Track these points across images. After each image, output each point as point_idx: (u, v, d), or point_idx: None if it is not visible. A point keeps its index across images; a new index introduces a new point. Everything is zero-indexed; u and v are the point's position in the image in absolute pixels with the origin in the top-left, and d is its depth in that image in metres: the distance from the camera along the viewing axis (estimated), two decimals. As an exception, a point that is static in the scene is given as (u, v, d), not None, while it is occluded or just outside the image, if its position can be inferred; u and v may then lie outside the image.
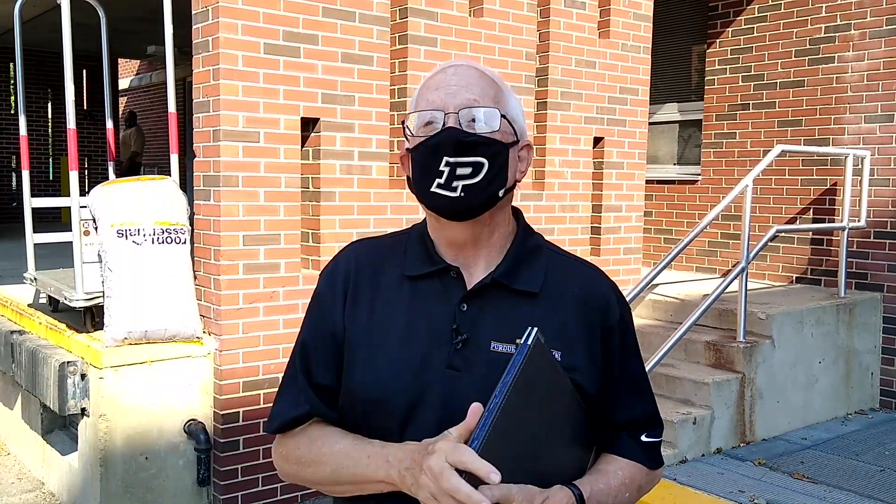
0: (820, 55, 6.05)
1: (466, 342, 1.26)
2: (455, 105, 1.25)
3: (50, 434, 4.50)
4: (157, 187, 3.97)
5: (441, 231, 1.32)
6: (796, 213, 6.21)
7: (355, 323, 1.32)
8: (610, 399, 1.34)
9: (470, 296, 1.29)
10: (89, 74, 11.38)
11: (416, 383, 1.25)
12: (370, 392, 1.27)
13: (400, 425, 1.25)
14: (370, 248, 1.41)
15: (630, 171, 5.43)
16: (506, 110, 1.28)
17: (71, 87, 3.90)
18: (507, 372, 1.14)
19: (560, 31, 4.96)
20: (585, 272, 1.39)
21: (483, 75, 1.29)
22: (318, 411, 1.33)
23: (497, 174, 1.26)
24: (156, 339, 3.76)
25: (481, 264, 1.32)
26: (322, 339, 1.35)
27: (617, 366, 1.34)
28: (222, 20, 3.72)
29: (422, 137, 1.26)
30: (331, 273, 1.39)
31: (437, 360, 1.26)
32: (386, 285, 1.33)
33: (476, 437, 1.10)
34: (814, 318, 5.33)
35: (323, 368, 1.33)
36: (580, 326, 1.31)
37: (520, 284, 1.30)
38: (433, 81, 1.29)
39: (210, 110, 3.83)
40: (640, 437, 1.37)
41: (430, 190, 1.26)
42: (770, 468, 4.49)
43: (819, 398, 5.40)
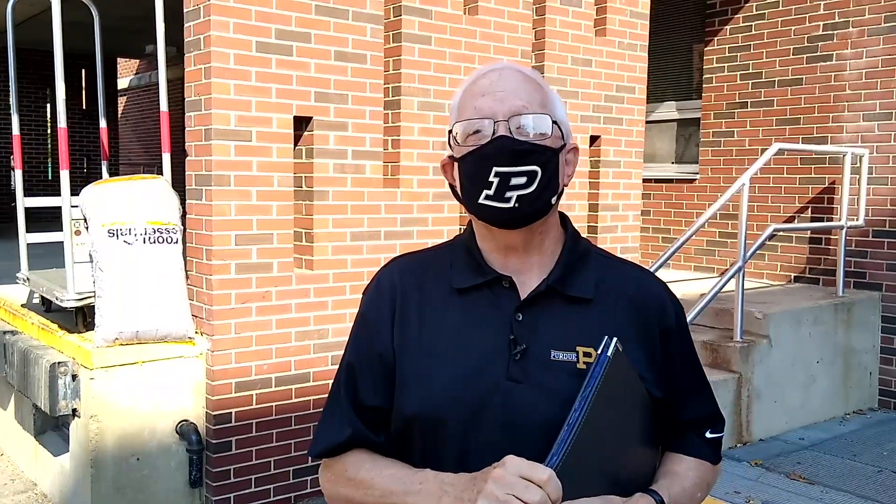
0: (818, 53, 6.02)
1: (525, 352, 1.23)
2: (504, 112, 1.21)
3: (42, 435, 4.48)
4: (149, 186, 3.95)
5: (492, 239, 1.29)
6: (794, 212, 6.18)
7: (406, 342, 1.28)
8: (674, 399, 1.33)
9: (525, 304, 1.26)
10: (88, 74, 11.37)
11: (475, 397, 1.22)
12: (426, 410, 1.23)
13: (460, 442, 1.22)
14: (414, 263, 1.37)
15: (627, 169, 5.40)
16: (554, 114, 1.25)
17: (62, 86, 3.88)
18: (587, 385, 1.12)
19: (556, 28, 4.93)
20: (637, 275, 1.37)
21: (528, 79, 1.26)
22: (361, 436, 1.29)
23: (550, 181, 1.23)
24: (147, 340, 3.74)
25: (533, 272, 1.29)
26: (369, 361, 1.31)
27: (679, 366, 1.34)
28: (214, 18, 3.70)
29: (470, 147, 1.22)
30: (374, 293, 1.35)
31: (495, 373, 1.22)
32: (434, 301, 1.30)
33: (555, 454, 1.07)
34: (812, 317, 5.29)
35: (371, 391, 1.30)
36: (638, 330, 1.29)
37: (574, 290, 1.28)
38: (477, 87, 1.25)
39: (202, 109, 3.81)
40: (705, 433, 1.37)
41: (479, 202, 1.22)
42: (767, 469, 4.46)
43: (817, 398, 5.37)
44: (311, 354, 4.07)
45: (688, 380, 1.36)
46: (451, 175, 1.30)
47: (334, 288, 4.12)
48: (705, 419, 1.38)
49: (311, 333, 4.06)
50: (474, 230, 1.33)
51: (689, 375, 1.36)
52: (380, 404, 1.29)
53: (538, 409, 1.19)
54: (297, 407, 4.05)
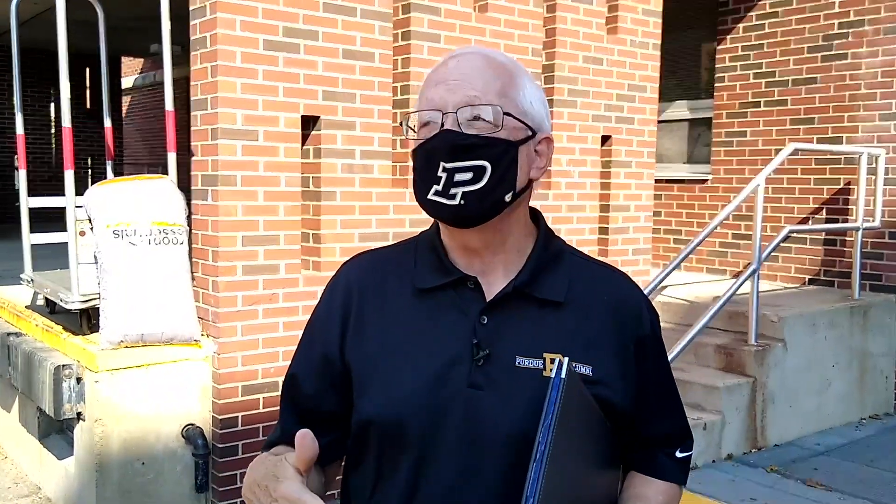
0: (833, 51, 5.93)
1: (489, 358, 1.15)
2: (454, 103, 1.14)
3: (47, 438, 4.42)
4: (154, 187, 3.89)
5: (450, 237, 1.23)
6: (809, 213, 6.09)
7: (365, 343, 1.21)
8: (644, 413, 1.25)
9: (490, 307, 1.18)
10: (92, 73, 11.35)
11: (435, 404, 1.15)
12: (385, 416, 1.17)
13: (418, 448, 1.16)
14: (374, 261, 1.30)
15: (639, 169, 5.33)
16: (517, 102, 1.16)
17: (66, 85, 3.82)
18: (546, 413, 1.04)
19: (567, 26, 4.86)
20: (613, 278, 1.29)
21: (491, 63, 1.17)
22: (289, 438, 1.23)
23: (503, 177, 1.14)
24: (153, 342, 3.68)
25: (499, 272, 1.21)
26: (310, 363, 1.26)
27: (651, 378, 1.26)
28: (220, 16, 3.64)
29: (420, 139, 1.16)
30: (329, 292, 1.29)
31: (457, 378, 1.15)
32: (395, 301, 1.23)
33: (529, 496, 1.00)
34: (827, 320, 5.21)
35: (310, 393, 1.25)
36: (611, 337, 1.21)
37: (543, 293, 1.20)
38: (435, 75, 1.18)
39: (208, 108, 3.75)
40: (675, 453, 1.30)
41: (428, 197, 1.15)
42: (783, 475, 4.38)
43: (832, 402, 5.28)
44: (318, 357, 4.00)
45: (660, 392, 1.28)
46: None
47: (342, 290, 4.05)
48: (676, 436, 1.30)
49: (318, 336, 3.99)
50: (439, 227, 1.25)
51: (661, 388, 1.29)
52: (325, 408, 1.24)
53: (500, 418, 1.13)
54: (304, 411, 3.98)
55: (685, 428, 1.32)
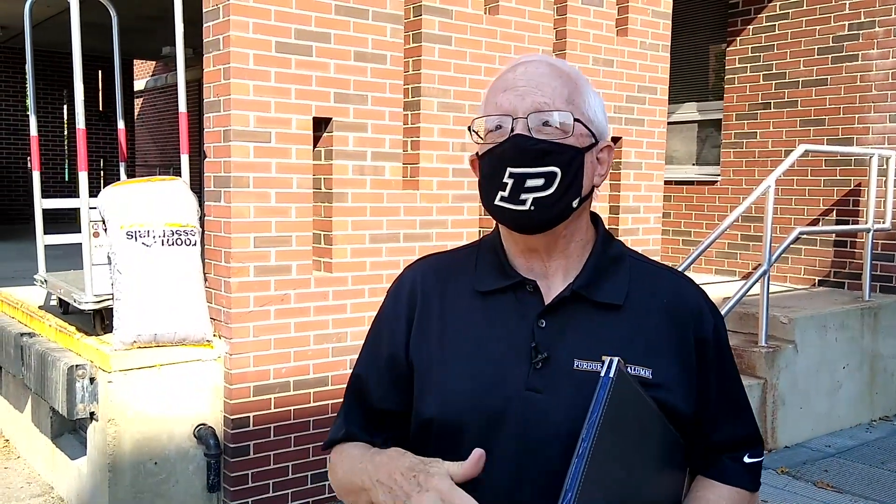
0: (843, 53, 5.92)
1: (547, 361, 1.16)
2: (524, 109, 1.15)
3: (59, 438, 4.45)
4: (167, 188, 3.91)
5: (513, 241, 1.24)
6: (819, 215, 6.08)
7: (426, 345, 1.24)
8: (708, 417, 1.24)
9: (548, 311, 1.19)
10: (105, 76, 11.40)
11: (493, 407, 1.16)
12: (442, 417, 1.19)
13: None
14: (439, 264, 1.33)
15: (648, 171, 5.33)
16: (582, 110, 1.18)
17: (80, 87, 3.85)
18: (592, 411, 1.04)
19: (577, 28, 4.87)
20: (672, 280, 1.28)
21: (556, 72, 1.19)
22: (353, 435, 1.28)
23: (571, 184, 1.16)
24: (165, 343, 3.71)
25: (559, 276, 1.22)
26: (378, 362, 1.29)
27: (714, 381, 1.24)
28: (233, 18, 3.66)
29: (489, 144, 1.17)
30: (395, 293, 1.32)
31: (515, 381, 1.16)
32: (457, 303, 1.25)
33: (568, 489, 1.00)
34: (837, 322, 5.20)
35: (377, 392, 1.28)
36: (671, 339, 1.21)
37: (602, 296, 1.20)
38: (502, 82, 1.20)
39: (221, 110, 3.77)
40: (743, 457, 1.28)
41: (495, 203, 1.17)
42: (793, 477, 4.37)
43: (843, 404, 5.27)
44: (329, 358, 4.02)
45: (724, 396, 1.27)
46: (478, 171, 1.25)
47: (353, 291, 4.07)
48: (741, 441, 1.29)
49: (329, 337, 4.01)
50: (500, 231, 1.28)
51: (725, 392, 1.27)
52: (386, 406, 1.27)
53: (557, 421, 1.14)
54: (315, 411, 4.00)
55: (753, 433, 1.31)
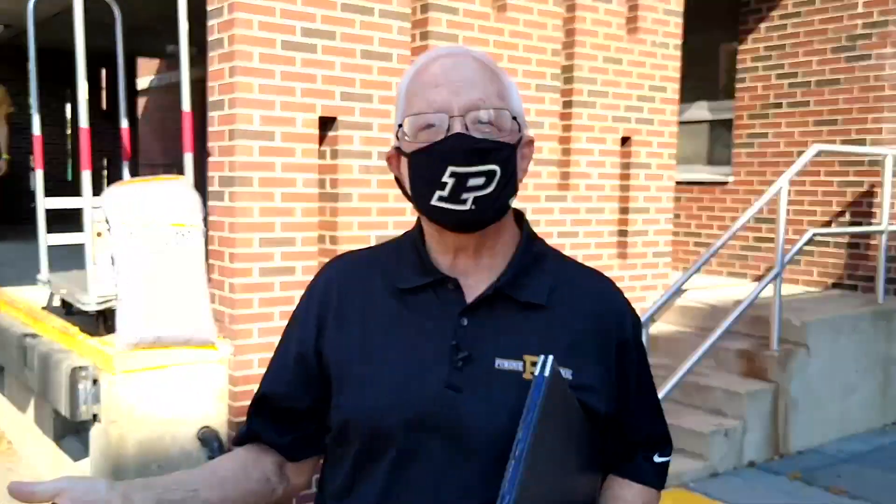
0: (856, 52, 5.84)
1: (468, 360, 1.14)
2: (460, 106, 1.11)
3: (62, 440, 4.41)
4: (171, 188, 3.86)
5: (440, 240, 1.21)
6: (832, 216, 6.00)
7: (342, 344, 1.21)
8: (625, 418, 1.24)
9: (471, 309, 1.17)
10: (108, 74, 11.38)
11: (413, 404, 1.14)
12: (364, 417, 1.16)
13: (397, 451, 1.15)
14: (357, 261, 1.30)
15: (659, 171, 5.26)
16: (510, 105, 1.16)
17: (84, 86, 3.81)
18: (528, 411, 1.03)
19: (587, 26, 4.80)
20: (597, 282, 1.28)
21: (484, 67, 1.16)
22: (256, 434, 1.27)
23: (509, 181, 1.15)
24: (169, 344, 3.66)
25: (483, 274, 1.20)
26: (286, 361, 1.26)
27: (632, 382, 1.25)
28: (238, 16, 3.61)
29: (422, 143, 1.13)
30: (309, 293, 1.29)
31: (435, 380, 1.14)
32: (377, 300, 1.22)
33: (506, 493, 0.98)
34: (851, 325, 5.12)
35: (288, 390, 1.26)
36: (594, 341, 1.20)
37: (526, 296, 1.18)
38: (429, 75, 1.15)
39: (225, 109, 3.72)
40: (654, 457, 1.30)
41: (432, 203, 1.13)
42: (806, 482, 4.30)
43: (856, 409, 5.19)
44: (335, 360, 3.97)
45: (641, 397, 1.27)
46: (397, 169, 1.21)
47: (359, 292, 4.02)
48: (655, 441, 1.30)
49: (335, 339, 3.96)
50: (423, 228, 1.24)
51: (642, 394, 1.28)
52: (295, 405, 1.25)
53: (479, 420, 1.12)
54: (320, 414, 3.95)
55: (665, 433, 1.32)
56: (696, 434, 4.33)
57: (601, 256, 5.02)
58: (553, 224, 4.77)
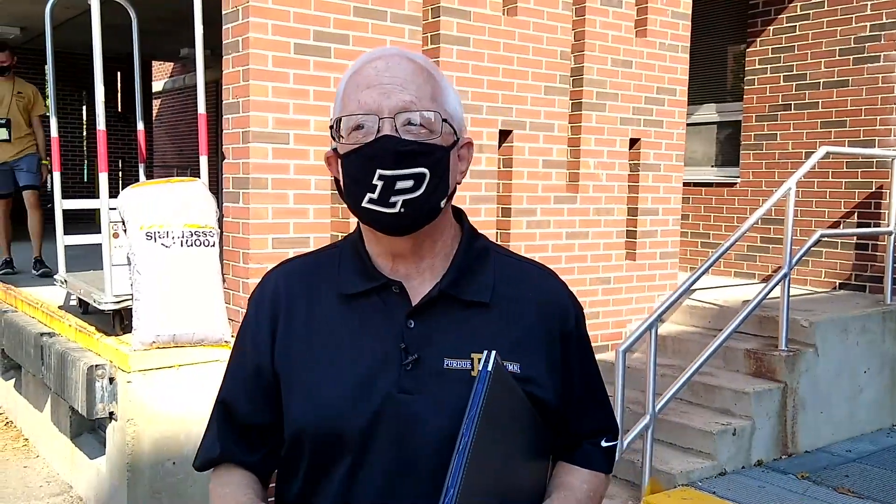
0: (865, 54, 5.86)
1: (417, 362, 1.15)
2: (390, 108, 1.11)
3: (78, 437, 4.48)
4: (186, 189, 3.92)
5: (377, 243, 1.21)
6: (840, 217, 6.02)
7: (292, 352, 1.20)
8: (572, 407, 1.26)
9: (416, 311, 1.17)
10: (123, 77, 11.47)
11: (365, 410, 1.14)
12: (316, 424, 1.16)
13: (351, 457, 1.15)
14: (301, 267, 1.29)
15: (667, 173, 5.30)
16: (445, 107, 1.16)
17: (101, 89, 3.87)
18: (471, 406, 1.05)
19: (596, 29, 4.84)
20: (537, 275, 1.29)
21: (418, 69, 1.15)
22: (229, 455, 1.24)
23: (439, 183, 1.14)
24: (184, 343, 3.72)
25: (425, 276, 1.21)
26: (244, 376, 1.24)
27: (577, 372, 1.27)
28: (252, 20, 3.67)
29: (352, 145, 1.13)
30: (257, 300, 1.27)
31: (386, 384, 1.14)
32: (322, 307, 1.21)
33: (450, 486, 1.01)
34: (859, 325, 5.14)
35: (246, 408, 1.24)
36: (538, 334, 1.21)
37: (469, 295, 1.19)
38: (363, 77, 1.14)
39: (240, 111, 3.78)
40: (601, 442, 1.31)
41: (362, 205, 1.13)
42: (813, 482, 4.33)
43: (864, 409, 5.21)
44: (347, 359, 4.02)
45: (586, 387, 1.29)
46: (335, 169, 1.19)
47: (371, 292, 4.07)
48: (602, 428, 1.32)
49: (347, 338, 4.01)
50: (362, 231, 1.24)
51: (587, 383, 1.30)
52: (259, 421, 1.24)
53: (431, 422, 1.13)
54: (332, 412, 4.00)
55: (610, 420, 1.34)
56: (705, 433, 4.37)
57: (610, 257, 5.06)
58: (562, 225, 4.81)
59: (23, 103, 5.75)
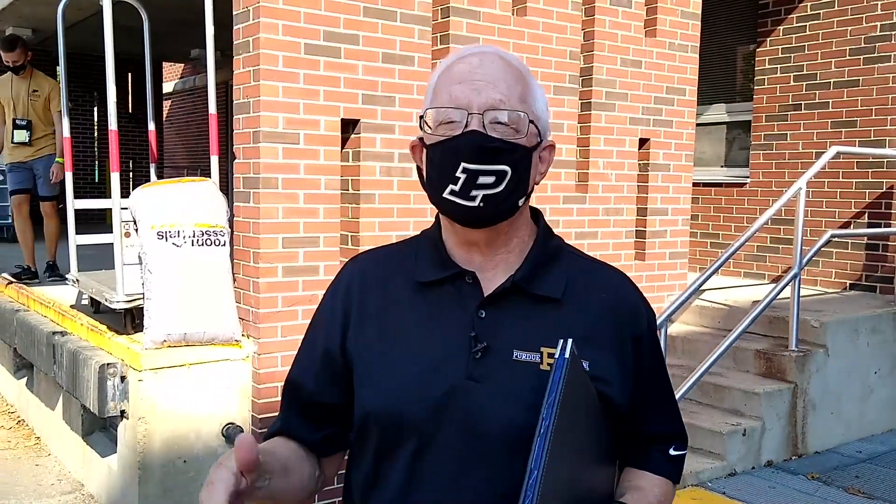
0: (875, 54, 5.83)
1: (486, 351, 1.17)
2: (479, 105, 1.14)
3: (90, 435, 4.50)
4: (197, 189, 3.95)
5: (454, 234, 1.25)
6: (850, 218, 6.00)
7: (363, 337, 1.24)
8: (640, 410, 1.26)
9: (488, 301, 1.20)
10: (134, 78, 11.53)
11: (432, 396, 1.17)
12: (384, 408, 1.19)
13: (417, 442, 1.17)
14: (377, 258, 1.33)
15: (677, 173, 5.29)
16: (533, 109, 1.18)
17: (112, 89, 3.90)
18: (550, 391, 1.06)
19: (605, 29, 4.84)
20: (611, 277, 1.30)
21: (510, 67, 1.18)
22: (288, 429, 1.29)
23: (519, 182, 1.17)
24: (195, 342, 3.74)
25: (499, 268, 1.23)
26: (313, 357, 1.29)
27: (648, 376, 1.27)
28: (263, 20, 3.69)
29: (440, 136, 1.16)
30: (332, 290, 1.32)
31: (455, 371, 1.17)
32: (397, 295, 1.25)
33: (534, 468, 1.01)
34: (869, 326, 5.12)
35: (317, 387, 1.28)
36: (608, 334, 1.22)
37: (541, 289, 1.21)
38: (455, 72, 1.18)
39: (250, 111, 3.80)
40: (669, 450, 1.31)
41: (444, 196, 1.17)
42: (824, 482, 4.31)
43: (874, 410, 5.19)
44: (356, 359, 4.03)
45: (656, 391, 1.30)
46: (419, 158, 1.23)
47: (380, 292, 4.08)
48: (669, 435, 1.32)
49: (356, 337, 4.02)
50: (440, 224, 1.28)
51: (657, 387, 1.30)
52: (324, 400, 1.28)
53: (497, 410, 1.14)
54: (342, 411, 4.01)
55: (680, 427, 1.34)
56: (714, 434, 4.36)
57: (619, 257, 5.06)
58: (571, 225, 4.82)
59: (39, 102, 5.70)
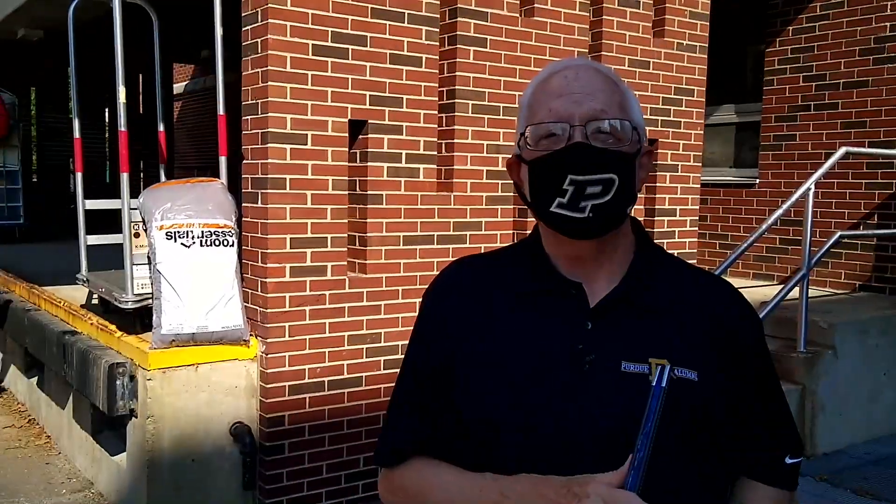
0: (885, 54, 5.81)
1: (594, 363, 1.17)
2: (581, 116, 1.15)
3: (99, 434, 4.54)
4: (206, 189, 3.97)
5: (558, 246, 1.24)
6: (860, 218, 5.97)
7: (467, 347, 1.24)
8: (752, 420, 1.24)
9: (595, 313, 1.20)
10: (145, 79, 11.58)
11: (537, 407, 1.16)
12: (486, 419, 1.19)
13: (517, 450, 1.17)
14: (478, 265, 1.33)
15: (685, 173, 5.28)
16: (631, 116, 1.19)
17: (122, 89, 3.92)
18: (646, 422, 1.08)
19: (613, 30, 4.84)
20: (714, 286, 1.29)
21: (606, 79, 1.19)
22: (422, 444, 1.27)
23: (626, 189, 1.16)
24: (203, 342, 3.76)
25: (602, 279, 1.23)
26: (426, 368, 1.28)
27: (757, 385, 1.25)
28: (271, 22, 3.71)
29: (543, 151, 1.17)
30: (434, 295, 1.32)
31: (559, 382, 1.17)
32: (498, 304, 1.25)
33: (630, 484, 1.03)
34: (878, 327, 5.10)
35: (433, 398, 1.27)
36: (714, 344, 1.21)
37: (646, 300, 1.21)
38: (552, 86, 1.18)
39: (258, 112, 3.82)
40: (785, 459, 1.28)
41: (551, 209, 1.17)
42: (832, 484, 4.30)
43: (883, 411, 5.17)
44: (363, 359, 4.05)
45: (767, 401, 1.27)
46: (517, 175, 1.24)
47: (387, 292, 4.10)
48: (783, 442, 1.29)
49: (364, 337, 4.04)
50: (541, 234, 1.28)
51: (767, 396, 1.27)
52: (440, 410, 1.26)
53: (600, 423, 1.14)
54: (349, 411, 4.03)
55: (794, 435, 1.31)
56: (722, 435, 4.35)
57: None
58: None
59: None
